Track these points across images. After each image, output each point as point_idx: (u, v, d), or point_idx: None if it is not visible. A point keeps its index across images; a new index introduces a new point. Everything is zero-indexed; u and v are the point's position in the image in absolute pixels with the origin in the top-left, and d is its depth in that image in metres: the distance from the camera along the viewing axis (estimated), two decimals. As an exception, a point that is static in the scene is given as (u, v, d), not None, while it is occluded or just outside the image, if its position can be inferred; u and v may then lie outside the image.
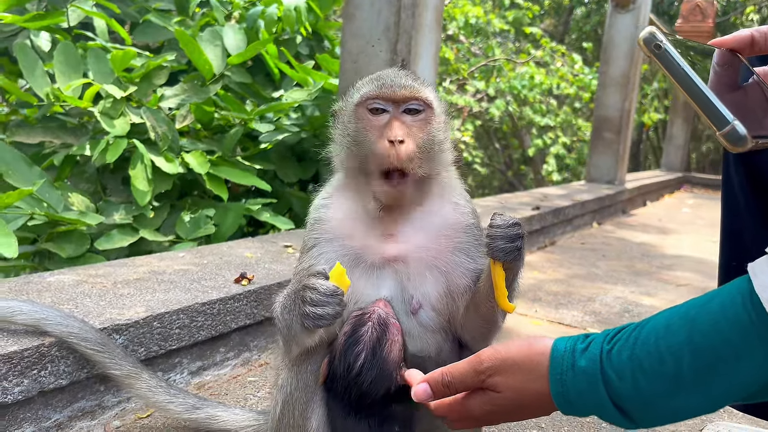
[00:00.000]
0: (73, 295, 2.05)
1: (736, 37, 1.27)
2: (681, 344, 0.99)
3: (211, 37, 4.68)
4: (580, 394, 1.05)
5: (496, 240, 1.29)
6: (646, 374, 1.00)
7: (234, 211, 4.13)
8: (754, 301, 0.92)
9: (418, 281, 1.44)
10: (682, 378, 0.98)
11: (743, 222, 1.79)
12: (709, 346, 0.96)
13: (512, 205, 5.47)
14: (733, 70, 1.30)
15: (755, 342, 0.92)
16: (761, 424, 2.20)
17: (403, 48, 3.39)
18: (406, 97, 1.40)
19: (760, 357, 0.92)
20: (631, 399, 1.01)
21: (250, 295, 2.34)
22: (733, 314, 0.95)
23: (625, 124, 8.20)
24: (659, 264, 5.08)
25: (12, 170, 3.50)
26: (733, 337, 0.94)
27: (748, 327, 0.93)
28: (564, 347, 1.09)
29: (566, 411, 1.09)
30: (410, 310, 1.44)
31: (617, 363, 1.03)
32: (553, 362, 1.09)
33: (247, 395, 2.20)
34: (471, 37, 13.16)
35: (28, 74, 4.01)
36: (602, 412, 1.05)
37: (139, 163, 3.84)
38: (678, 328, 1.00)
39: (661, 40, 1.10)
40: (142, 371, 1.81)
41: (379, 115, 1.40)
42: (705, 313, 0.99)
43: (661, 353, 1.00)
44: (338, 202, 1.51)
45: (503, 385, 1.13)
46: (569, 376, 1.06)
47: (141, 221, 3.94)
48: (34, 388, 1.67)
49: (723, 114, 1.08)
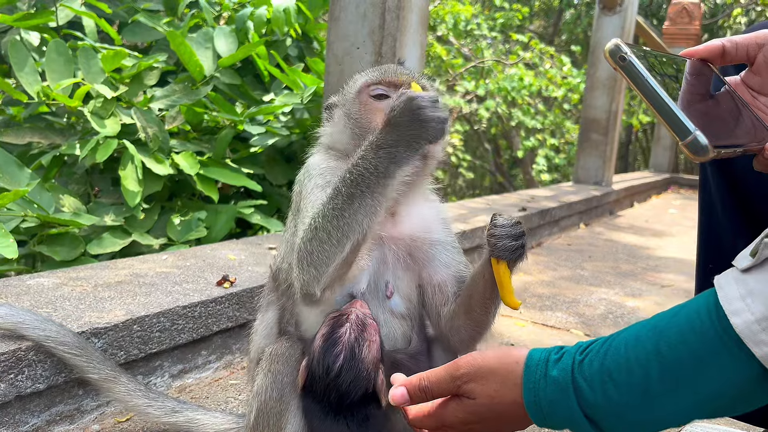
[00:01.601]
0: (52, 299, 2.04)
1: (707, 47, 1.29)
2: (649, 355, 1.00)
3: (202, 39, 4.69)
4: (551, 404, 1.06)
5: (501, 239, 1.31)
6: (615, 384, 1.01)
7: (225, 214, 4.12)
8: (720, 313, 0.94)
9: (395, 267, 1.48)
10: (650, 389, 0.99)
11: (720, 225, 1.81)
12: (676, 357, 0.98)
13: (499, 207, 5.49)
14: (704, 80, 1.32)
15: (721, 353, 0.94)
16: (738, 425, 2.22)
17: (387, 50, 3.40)
18: (407, 82, 1.46)
19: (726, 368, 0.94)
20: (602, 409, 1.02)
21: (232, 298, 2.34)
22: (699, 326, 0.97)
23: (612, 126, 8.25)
24: (645, 265, 5.12)
25: (3, 172, 3.48)
26: (699, 348, 0.96)
27: (713, 338, 0.94)
28: (538, 357, 1.11)
29: (539, 422, 1.10)
30: (386, 295, 1.47)
31: (588, 373, 1.05)
32: (527, 371, 1.10)
33: (228, 398, 2.19)
34: (461, 39, 13.19)
35: (18, 71, 3.99)
36: (574, 424, 1.06)
37: (130, 164, 3.83)
38: (646, 339, 1.02)
39: (626, 52, 1.12)
40: (121, 375, 1.80)
41: (382, 101, 1.46)
42: (672, 325, 1.01)
43: (630, 364, 1.01)
44: (334, 163, 1.53)
45: (478, 392, 1.14)
46: (542, 385, 1.08)
47: (132, 223, 3.93)
48: (10, 392, 1.66)
49: (685, 124, 1.09)
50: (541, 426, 1.11)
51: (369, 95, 1.48)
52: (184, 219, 3.97)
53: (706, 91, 1.35)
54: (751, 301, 0.92)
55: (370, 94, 1.47)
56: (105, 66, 4.11)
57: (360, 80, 1.53)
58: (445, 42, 13.27)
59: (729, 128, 1.26)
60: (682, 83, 1.27)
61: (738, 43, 1.28)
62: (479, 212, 4.99)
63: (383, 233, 1.45)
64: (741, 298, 0.93)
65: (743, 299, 0.93)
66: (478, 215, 4.80)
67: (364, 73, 1.55)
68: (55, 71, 4.03)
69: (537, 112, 13.44)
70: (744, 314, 0.91)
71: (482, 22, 13.20)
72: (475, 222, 4.47)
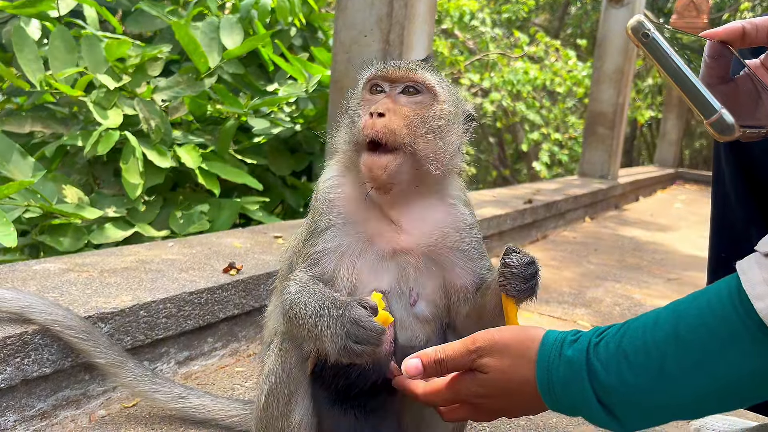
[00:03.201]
0: (58, 284, 2.03)
1: (727, 29, 1.26)
2: (667, 337, 0.98)
3: (208, 29, 4.64)
4: (564, 384, 1.05)
5: (511, 280, 1.30)
6: (631, 366, 1.00)
7: (229, 209, 4.11)
8: (742, 298, 0.92)
9: (418, 274, 1.44)
10: (666, 372, 0.97)
11: (734, 214, 1.79)
12: (695, 340, 0.96)
13: (506, 199, 5.46)
14: (724, 62, 1.29)
15: (742, 337, 0.92)
16: (748, 416, 2.20)
17: (395, 39, 3.37)
18: (400, 76, 1.39)
19: (747, 353, 0.92)
20: (616, 392, 1.01)
21: (239, 285, 2.32)
22: (720, 309, 0.95)
23: (618, 119, 8.21)
24: (650, 259, 5.10)
25: (7, 161, 3.46)
26: (719, 331, 0.94)
27: (735, 322, 0.93)
28: (555, 337, 1.10)
29: (551, 403, 1.08)
30: (410, 302, 1.44)
31: (604, 355, 1.03)
32: (542, 349, 1.09)
33: (234, 385, 2.18)
34: (465, 32, 13.12)
35: (21, 58, 3.96)
36: (586, 407, 1.04)
37: (132, 157, 3.80)
38: (665, 322, 1.00)
39: (649, 29, 1.09)
40: (128, 360, 1.79)
41: (376, 95, 1.41)
42: (692, 308, 0.99)
43: (648, 346, 0.99)
44: (345, 186, 1.48)
45: (492, 366, 1.13)
46: (555, 363, 1.06)
47: (134, 215, 3.92)
48: (17, 376, 1.65)
49: (711, 103, 1.07)
50: (552, 408, 1.09)
51: (368, 90, 1.43)
52: (186, 212, 3.96)
53: (725, 74, 1.32)
54: None
55: (368, 88, 1.43)
56: (108, 55, 4.08)
57: (363, 77, 1.47)
58: (449, 35, 13.20)
59: (749, 111, 1.23)
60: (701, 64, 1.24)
61: (758, 25, 1.25)
62: (485, 204, 4.97)
63: (397, 246, 1.42)
64: (765, 282, 0.91)
65: (767, 283, 0.91)
66: (484, 207, 4.78)
67: (371, 69, 1.48)
68: (58, 59, 4.00)
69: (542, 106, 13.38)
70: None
71: (487, 17, 13.12)
72: (482, 214, 4.45)
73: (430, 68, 1.47)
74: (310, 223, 1.48)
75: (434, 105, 1.40)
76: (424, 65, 1.47)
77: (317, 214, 1.46)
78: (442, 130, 1.40)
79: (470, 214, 1.53)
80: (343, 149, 1.49)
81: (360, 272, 1.42)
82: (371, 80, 1.42)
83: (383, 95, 1.39)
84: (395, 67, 1.41)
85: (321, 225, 1.44)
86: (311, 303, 1.29)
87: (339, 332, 1.21)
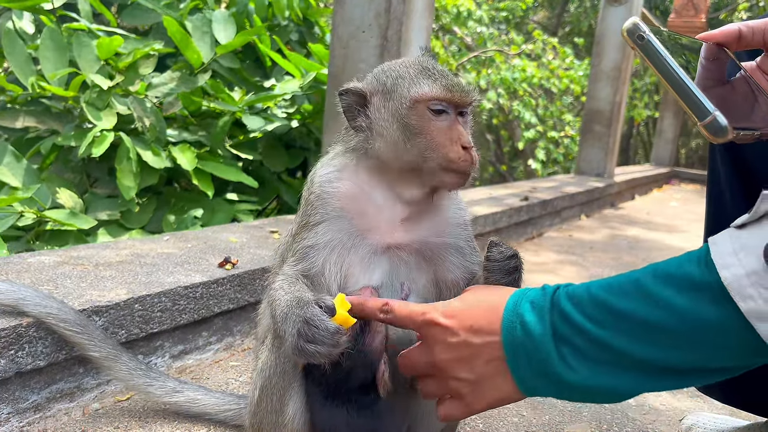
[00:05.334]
0: (53, 276, 2.02)
1: (723, 31, 1.27)
2: (630, 277, 1.04)
3: (200, 23, 4.61)
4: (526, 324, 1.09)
5: (494, 273, 1.31)
6: (597, 304, 1.04)
7: (222, 213, 4.10)
8: (710, 266, 0.95)
9: (409, 269, 1.45)
10: (628, 316, 1.01)
11: (728, 214, 1.79)
12: (662, 285, 1.00)
13: (501, 196, 5.47)
14: (720, 65, 1.30)
15: (704, 299, 0.95)
16: (741, 415, 2.21)
17: (393, 35, 3.36)
18: (468, 103, 1.40)
19: (708, 316, 0.95)
20: (579, 328, 1.04)
21: (234, 280, 2.32)
22: (688, 269, 0.99)
23: (615, 118, 8.22)
24: (646, 257, 5.11)
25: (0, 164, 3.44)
26: (683, 284, 0.98)
27: (700, 284, 0.96)
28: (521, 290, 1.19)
29: (512, 355, 1.10)
30: (401, 297, 1.44)
31: (572, 290, 1.09)
32: (507, 303, 1.16)
33: (228, 380, 2.18)
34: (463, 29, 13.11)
35: (12, 61, 3.93)
36: (543, 352, 1.06)
37: (125, 159, 3.78)
38: (634, 272, 1.07)
39: (644, 31, 1.10)
40: (122, 353, 1.79)
41: (440, 116, 1.38)
42: (662, 264, 1.04)
43: (620, 285, 1.04)
44: (350, 181, 1.46)
45: (456, 311, 1.20)
46: (522, 300, 1.14)
47: (128, 218, 3.91)
48: (11, 368, 1.65)
49: (704, 105, 1.07)
50: (513, 369, 1.11)
51: (428, 108, 1.37)
52: (180, 216, 3.95)
53: (721, 76, 1.33)
54: (744, 255, 0.92)
55: (430, 107, 1.37)
56: (100, 53, 4.04)
57: (416, 87, 1.38)
58: (447, 31, 13.19)
59: (745, 113, 1.24)
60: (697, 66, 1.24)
61: (754, 27, 1.26)
62: (481, 202, 4.97)
63: (392, 241, 1.43)
64: (734, 253, 0.94)
65: (736, 254, 0.94)
66: (480, 204, 4.79)
67: (419, 76, 1.40)
68: (50, 59, 3.96)
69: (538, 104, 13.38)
70: (734, 268, 0.92)
71: (485, 14, 13.11)
72: (478, 211, 4.46)
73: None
74: (301, 218, 1.47)
75: (470, 120, 1.45)
76: (471, 84, 1.47)
77: (310, 207, 1.45)
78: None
79: (463, 209, 1.54)
80: (364, 154, 1.45)
81: (350, 267, 1.41)
82: (437, 101, 1.37)
83: (448, 118, 1.38)
84: (463, 90, 1.39)
85: (314, 219, 1.43)
86: (282, 301, 1.30)
87: (292, 332, 1.21)
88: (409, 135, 1.39)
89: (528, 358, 1.08)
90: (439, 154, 1.36)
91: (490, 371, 1.14)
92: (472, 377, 1.16)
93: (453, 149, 1.36)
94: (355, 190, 1.45)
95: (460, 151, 1.36)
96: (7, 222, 3.24)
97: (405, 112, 1.39)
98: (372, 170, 1.45)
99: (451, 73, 1.44)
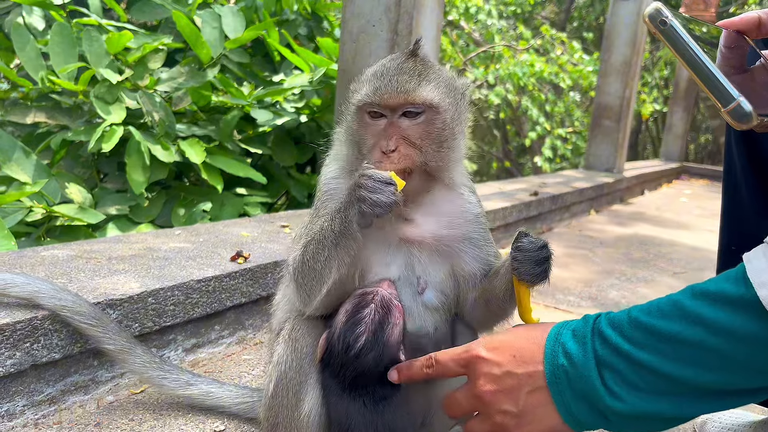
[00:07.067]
0: (66, 270, 2.03)
1: (743, 18, 1.25)
2: (670, 301, 1.03)
3: (209, 18, 4.61)
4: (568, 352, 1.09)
5: (524, 264, 1.30)
6: (637, 326, 1.03)
7: (231, 207, 4.10)
8: (747, 284, 0.94)
9: (425, 263, 1.45)
10: (668, 336, 1.00)
11: (744, 207, 1.78)
12: (696, 308, 0.99)
13: (511, 191, 5.45)
14: (740, 52, 1.28)
15: (743, 316, 0.94)
16: (755, 410, 2.20)
17: (403, 28, 3.35)
18: (400, 103, 1.35)
19: (747, 333, 0.94)
20: (619, 351, 1.03)
21: (246, 274, 2.32)
22: (727, 287, 0.98)
23: (625, 112, 8.16)
24: (656, 252, 5.08)
25: (8, 159, 3.45)
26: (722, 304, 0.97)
27: (737, 302, 0.95)
28: (561, 324, 1.15)
29: (554, 383, 1.09)
30: (418, 291, 1.44)
31: (613, 316, 1.08)
32: (551, 331, 1.15)
33: (241, 373, 2.19)
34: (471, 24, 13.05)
35: (22, 56, 3.95)
36: (586, 377, 1.05)
37: (135, 153, 3.79)
38: (673, 295, 1.05)
39: (667, 16, 1.08)
40: (136, 346, 1.80)
41: (378, 120, 1.38)
42: (700, 285, 1.03)
43: (659, 307, 1.04)
44: (347, 178, 1.47)
45: (498, 343, 1.20)
46: (563, 332, 1.13)
47: (137, 212, 3.91)
48: (26, 361, 1.65)
49: (729, 90, 1.06)
50: (555, 398, 1.09)
51: (366, 112, 1.39)
52: (189, 210, 3.95)
53: (741, 64, 1.31)
54: None
55: (366, 111, 1.39)
56: (110, 48, 4.05)
57: (359, 92, 1.41)
58: (456, 27, 13.14)
59: (765, 101, 1.22)
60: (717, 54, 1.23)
61: None
62: (491, 197, 4.95)
63: (404, 236, 1.43)
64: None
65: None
66: (490, 199, 4.77)
67: (366, 80, 1.42)
68: (59, 54, 3.97)
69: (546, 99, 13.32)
70: None
71: (493, 8, 13.04)
72: (487, 206, 4.44)
73: (425, 72, 1.39)
74: (314, 212, 1.50)
75: (437, 117, 1.38)
76: (420, 73, 1.38)
77: (321, 203, 1.48)
78: (448, 136, 1.41)
79: (477, 203, 1.53)
80: (345, 154, 1.50)
81: (367, 260, 1.42)
82: (368, 105, 1.38)
83: (384, 121, 1.37)
84: (391, 93, 1.34)
85: (323, 212, 1.45)
86: (327, 215, 1.37)
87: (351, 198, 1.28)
88: (353, 139, 1.43)
89: (570, 385, 1.07)
90: (370, 155, 1.37)
91: (534, 402, 1.12)
92: (516, 409, 1.14)
93: (375, 152, 1.36)
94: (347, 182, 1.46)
95: (377, 155, 1.35)
96: (16, 217, 3.25)
97: (351, 117, 1.44)
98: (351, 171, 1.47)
99: (408, 69, 1.38)
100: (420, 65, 1.40)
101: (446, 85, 1.42)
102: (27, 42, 3.96)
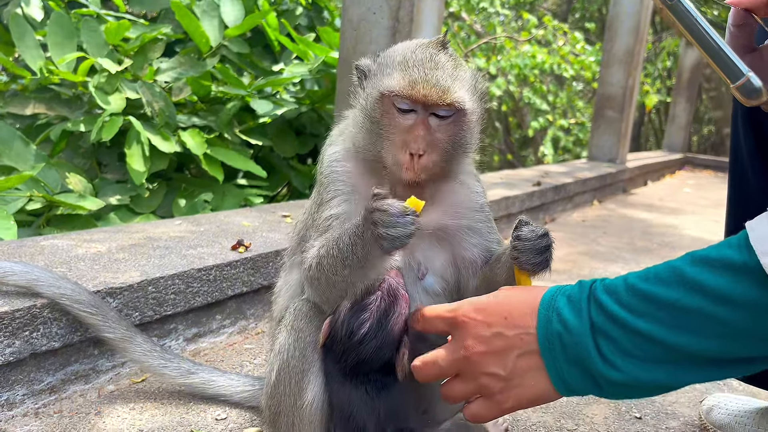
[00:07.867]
0: (66, 259, 2.01)
1: None
2: (672, 267, 0.99)
3: (208, 8, 4.57)
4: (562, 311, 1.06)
5: (525, 253, 1.26)
6: (634, 293, 1.00)
7: (232, 198, 4.08)
8: (750, 251, 0.92)
9: (427, 249, 1.43)
10: (666, 302, 0.97)
11: (750, 189, 1.76)
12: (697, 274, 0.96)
13: (514, 181, 5.42)
14: (748, 31, 1.26)
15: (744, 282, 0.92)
16: (761, 395, 2.18)
17: (404, 16, 3.31)
18: (436, 103, 1.28)
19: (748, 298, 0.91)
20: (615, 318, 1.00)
21: (247, 263, 2.30)
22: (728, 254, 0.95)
23: (628, 103, 8.11)
24: (660, 242, 5.06)
25: (8, 149, 3.43)
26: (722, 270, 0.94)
27: (740, 269, 0.92)
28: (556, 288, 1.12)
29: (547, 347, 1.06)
30: (418, 276, 1.42)
31: (609, 283, 1.05)
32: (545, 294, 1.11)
33: (243, 362, 2.17)
34: (473, 15, 12.98)
35: (20, 46, 3.92)
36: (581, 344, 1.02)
37: (135, 143, 3.76)
38: (671, 261, 1.02)
39: None
40: (137, 335, 1.78)
41: (406, 114, 1.30)
42: (700, 251, 1.00)
43: (657, 273, 1.01)
44: (352, 165, 1.45)
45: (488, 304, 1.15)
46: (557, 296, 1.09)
47: (137, 202, 3.90)
48: (25, 349, 1.64)
49: (738, 66, 1.04)
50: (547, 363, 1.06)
51: (393, 103, 1.31)
52: (190, 200, 3.94)
53: (749, 43, 1.30)
54: None
55: (395, 102, 1.31)
56: (109, 38, 4.02)
57: (388, 78, 1.31)
58: (457, 18, 13.06)
59: None
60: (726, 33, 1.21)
61: None
62: (494, 186, 4.93)
63: None
64: None
65: None
66: (493, 189, 4.74)
67: (397, 66, 1.32)
68: (58, 44, 3.94)
69: (549, 91, 13.25)
70: None
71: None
72: (490, 196, 4.41)
73: (457, 70, 1.32)
74: (317, 196, 1.47)
75: (464, 120, 1.34)
76: (454, 70, 1.32)
77: (323, 186, 1.45)
78: (469, 140, 1.39)
79: (481, 192, 1.51)
80: (355, 136, 1.44)
81: None
82: (400, 98, 1.29)
83: (413, 116, 1.30)
84: (429, 90, 1.26)
85: (327, 196, 1.43)
86: (343, 229, 1.30)
87: (368, 228, 1.20)
88: (372, 127, 1.35)
89: (564, 351, 1.03)
90: (390, 154, 1.32)
91: (523, 366, 1.08)
92: (504, 372, 1.09)
93: (401, 153, 1.31)
94: (363, 170, 1.44)
95: (405, 157, 1.30)
96: (16, 204, 3.23)
97: (372, 103, 1.34)
98: (366, 154, 1.42)
99: (442, 69, 1.31)
100: (452, 61, 1.34)
101: (473, 85, 1.38)
102: (25, 32, 3.94)
